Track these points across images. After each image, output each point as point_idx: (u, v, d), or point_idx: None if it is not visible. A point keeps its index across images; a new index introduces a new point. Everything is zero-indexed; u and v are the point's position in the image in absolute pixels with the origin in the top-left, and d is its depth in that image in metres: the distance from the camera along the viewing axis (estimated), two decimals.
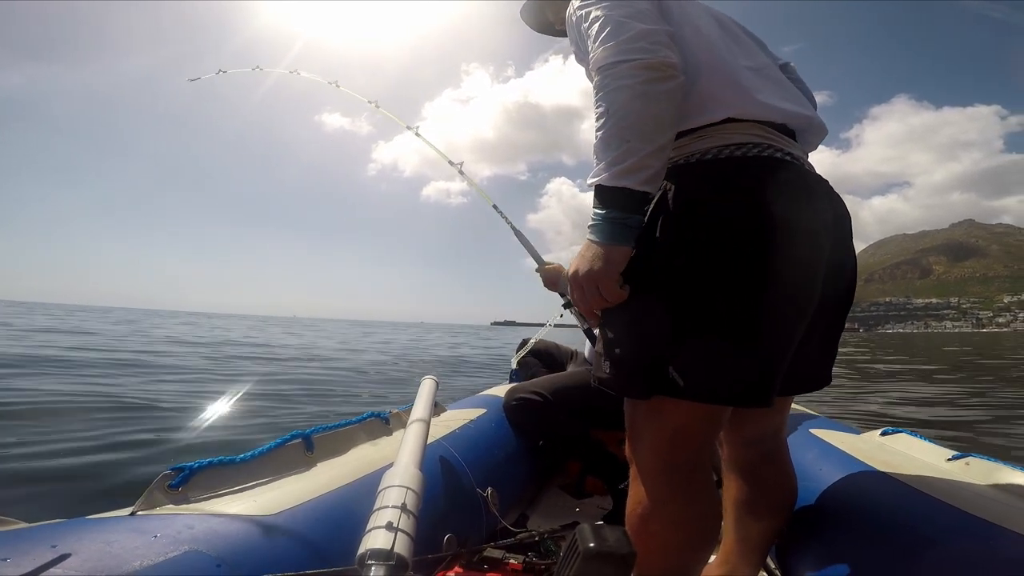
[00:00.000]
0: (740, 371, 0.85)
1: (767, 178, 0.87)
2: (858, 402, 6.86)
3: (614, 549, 0.63)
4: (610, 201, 0.83)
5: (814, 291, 0.89)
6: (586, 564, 0.63)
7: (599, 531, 0.65)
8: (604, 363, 0.93)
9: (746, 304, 0.83)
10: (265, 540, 0.79)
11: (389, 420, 1.51)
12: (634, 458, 0.94)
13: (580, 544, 0.64)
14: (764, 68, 1.02)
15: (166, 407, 4.43)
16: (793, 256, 0.85)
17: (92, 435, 3.33)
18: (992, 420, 5.64)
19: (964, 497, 0.95)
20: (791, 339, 0.89)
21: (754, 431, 1.12)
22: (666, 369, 0.85)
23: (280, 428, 4.00)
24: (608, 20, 0.87)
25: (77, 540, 0.66)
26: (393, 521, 0.73)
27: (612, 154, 0.82)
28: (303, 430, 1.17)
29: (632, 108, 0.81)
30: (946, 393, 8.01)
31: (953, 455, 1.21)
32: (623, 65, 0.83)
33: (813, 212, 0.90)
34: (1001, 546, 0.79)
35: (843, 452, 1.35)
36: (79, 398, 4.50)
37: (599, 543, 0.63)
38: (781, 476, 1.15)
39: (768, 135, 0.93)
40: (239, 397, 5.26)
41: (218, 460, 0.95)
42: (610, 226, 0.84)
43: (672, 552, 0.89)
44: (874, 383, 9.34)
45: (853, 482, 1.18)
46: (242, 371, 8.13)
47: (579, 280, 0.87)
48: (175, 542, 0.71)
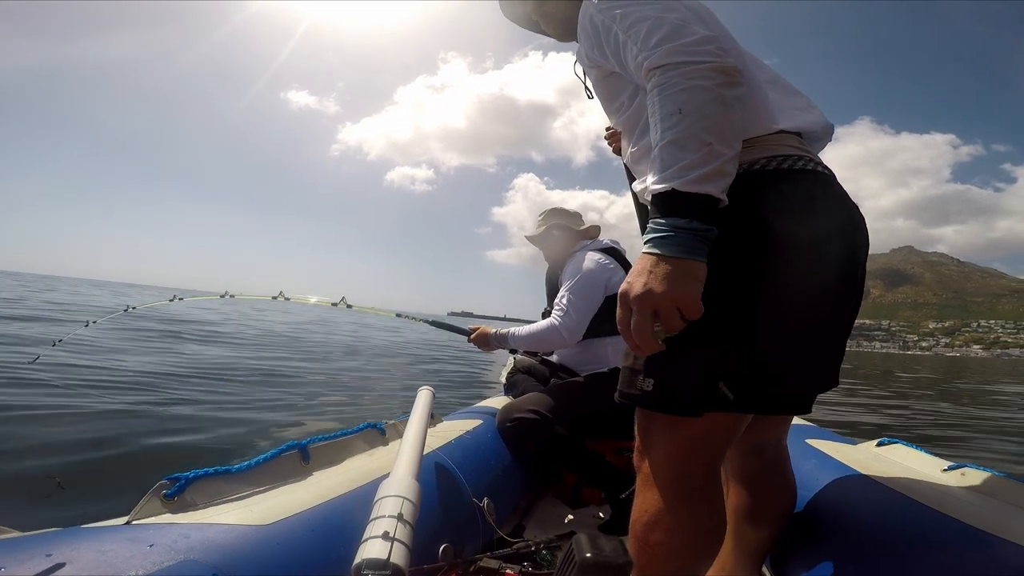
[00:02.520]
0: (785, 380, 0.88)
1: (813, 190, 0.90)
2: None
3: (610, 559, 0.63)
4: (686, 210, 0.75)
5: (849, 299, 0.94)
6: (583, 573, 0.64)
7: (595, 541, 0.65)
8: (644, 380, 0.89)
9: (791, 315, 0.85)
10: (261, 549, 0.79)
11: (385, 431, 1.51)
12: (644, 467, 0.93)
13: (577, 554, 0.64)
14: (776, 79, 1.03)
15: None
16: (837, 263, 0.89)
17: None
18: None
19: (960, 507, 0.95)
20: (830, 344, 0.95)
21: (758, 440, 1.11)
22: (716, 384, 0.84)
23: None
24: (663, 22, 0.81)
25: (72, 549, 0.66)
26: (389, 531, 0.73)
27: (690, 157, 0.75)
28: (299, 441, 1.17)
29: (711, 111, 0.75)
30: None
31: (949, 465, 1.22)
32: (693, 66, 0.77)
33: (851, 221, 0.94)
34: (997, 556, 0.79)
35: (839, 462, 1.35)
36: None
37: (595, 553, 0.64)
38: (782, 485, 1.15)
39: (802, 145, 0.95)
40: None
41: (214, 470, 0.95)
42: (689, 238, 0.75)
43: (675, 560, 0.89)
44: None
45: (849, 492, 1.18)
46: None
47: (651, 301, 0.75)
48: (171, 551, 0.70)
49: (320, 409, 4.89)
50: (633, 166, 1.06)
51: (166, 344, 8.05)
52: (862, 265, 0.98)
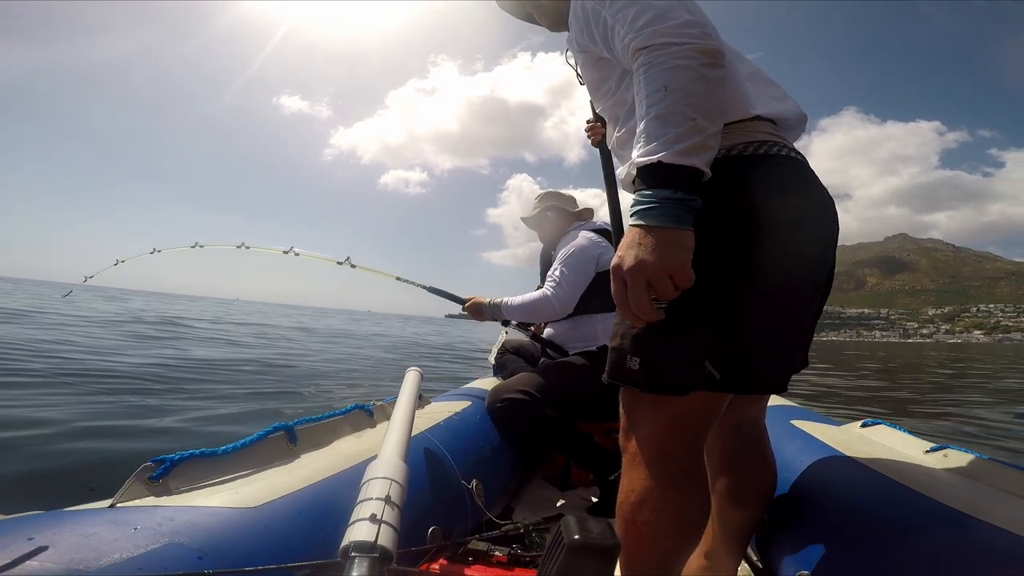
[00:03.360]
0: (769, 359, 0.93)
1: (788, 174, 0.93)
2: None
3: (599, 541, 0.64)
4: (672, 181, 0.77)
5: (823, 278, 0.99)
6: (571, 556, 0.64)
7: (584, 523, 0.65)
8: (631, 359, 0.90)
9: (772, 294, 0.88)
10: (247, 532, 0.78)
11: (373, 412, 1.51)
12: (629, 447, 0.95)
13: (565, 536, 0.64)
14: (755, 70, 1.06)
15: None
16: (813, 244, 0.93)
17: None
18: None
19: (941, 488, 0.96)
20: (806, 323, 0.99)
21: (736, 419, 1.13)
22: (703, 363, 0.86)
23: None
24: (649, 6, 0.84)
25: (55, 532, 0.65)
26: (377, 513, 0.73)
27: (675, 131, 0.77)
28: (286, 422, 1.16)
29: (696, 88, 0.78)
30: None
31: (931, 447, 1.24)
32: (677, 47, 0.79)
33: (823, 203, 0.98)
34: (976, 537, 0.81)
35: (824, 443, 1.37)
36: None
37: (584, 535, 0.64)
38: (761, 464, 1.16)
39: (777, 132, 0.99)
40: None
41: (199, 452, 0.94)
42: (675, 207, 0.77)
43: (662, 540, 0.90)
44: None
45: (833, 473, 1.19)
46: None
47: (644, 271, 0.77)
48: (155, 534, 0.70)
49: (312, 395, 4.91)
50: (618, 151, 1.09)
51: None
52: (834, 246, 1.02)
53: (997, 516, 0.83)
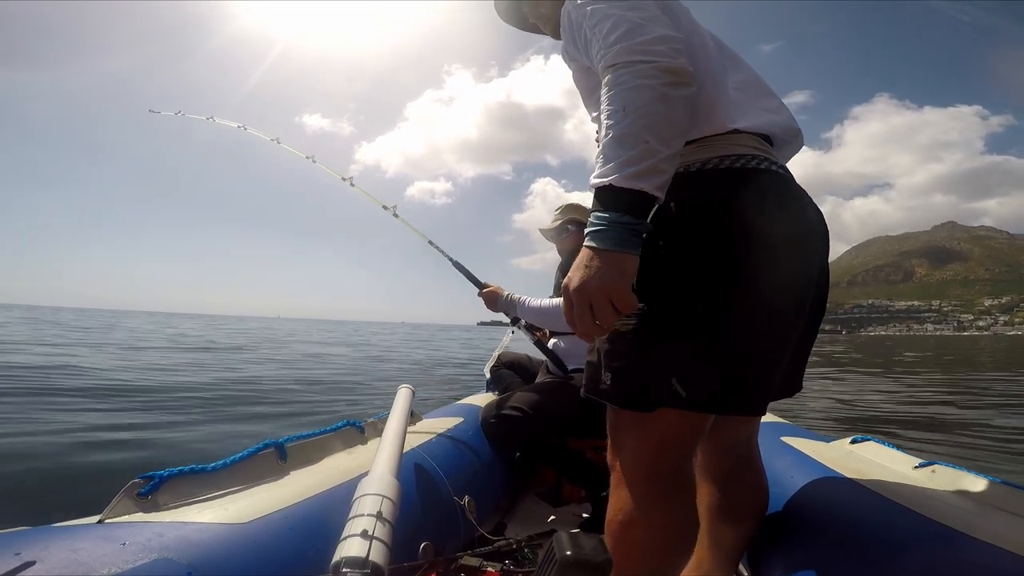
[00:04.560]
0: (740, 380, 0.88)
1: (767, 190, 0.91)
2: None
3: (590, 557, 0.64)
4: (621, 205, 0.77)
5: (807, 299, 0.95)
6: (563, 572, 0.64)
7: (576, 539, 0.66)
8: (604, 374, 0.91)
9: (748, 313, 0.86)
10: (237, 548, 0.78)
11: (364, 429, 1.50)
12: (616, 465, 0.94)
13: (557, 552, 0.65)
14: (753, 80, 1.04)
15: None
16: (794, 262, 0.90)
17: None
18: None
19: (929, 504, 0.97)
20: (787, 346, 0.94)
21: (728, 438, 1.13)
22: (669, 380, 0.85)
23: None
24: (623, 20, 0.83)
25: (43, 548, 0.65)
26: (368, 529, 0.72)
27: (628, 154, 0.77)
28: (276, 439, 1.16)
29: (653, 109, 0.77)
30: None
31: (919, 463, 1.24)
32: (642, 65, 0.79)
33: (808, 222, 0.96)
34: (964, 553, 0.81)
35: (814, 460, 1.37)
36: None
37: (576, 551, 0.64)
38: (753, 482, 1.16)
39: (762, 147, 0.97)
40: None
41: (189, 468, 0.94)
42: (622, 232, 0.77)
43: (651, 559, 0.90)
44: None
45: (823, 490, 1.20)
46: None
47: (587, 293, 0.78)
48: (144, 549, 0.69)
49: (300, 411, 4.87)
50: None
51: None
52: (822, 265, 1.00)
53: (986, 532, 0.83)
